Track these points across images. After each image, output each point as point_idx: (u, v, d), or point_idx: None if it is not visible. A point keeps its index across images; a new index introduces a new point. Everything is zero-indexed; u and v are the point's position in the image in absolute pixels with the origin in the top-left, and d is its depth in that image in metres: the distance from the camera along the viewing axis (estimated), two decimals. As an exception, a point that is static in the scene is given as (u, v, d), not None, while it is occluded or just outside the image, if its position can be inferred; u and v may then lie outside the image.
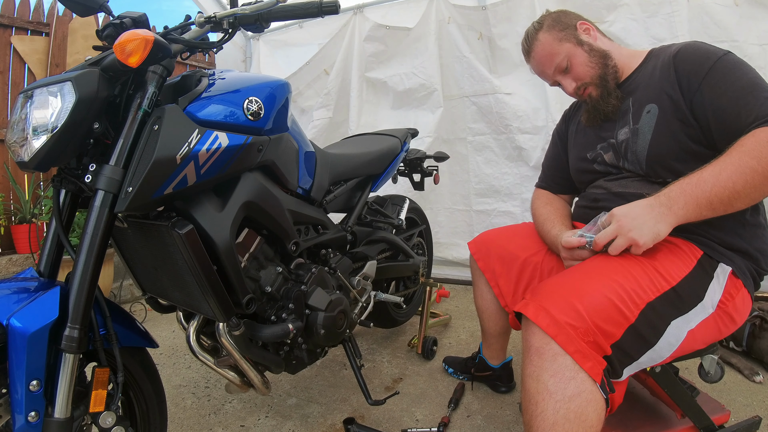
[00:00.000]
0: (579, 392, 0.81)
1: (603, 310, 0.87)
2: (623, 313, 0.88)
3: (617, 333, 0.87)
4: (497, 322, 1.52)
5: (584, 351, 0.83)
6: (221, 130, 1.00)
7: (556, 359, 0.83)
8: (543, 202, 1.42)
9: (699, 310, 0.97)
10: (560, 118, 1.50)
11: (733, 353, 1.79)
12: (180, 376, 1.83)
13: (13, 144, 0.91)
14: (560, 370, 0.83)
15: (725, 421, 1.24)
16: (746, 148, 0.92)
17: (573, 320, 0.85)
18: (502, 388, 1.64)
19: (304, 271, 1.26)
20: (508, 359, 1.65)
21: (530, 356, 0.87)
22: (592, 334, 0.85)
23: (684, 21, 2.24)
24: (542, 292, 0.92)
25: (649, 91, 1.13)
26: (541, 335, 0.86)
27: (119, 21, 0.99)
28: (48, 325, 0.82)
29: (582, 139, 1.32)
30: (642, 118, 1.13)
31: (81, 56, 2.92)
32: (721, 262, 1.02)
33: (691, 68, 1.05)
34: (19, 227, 2.62)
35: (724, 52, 1.03)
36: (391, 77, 3.04)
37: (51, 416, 0.82)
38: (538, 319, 0.86)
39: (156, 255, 1.07)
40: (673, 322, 0.93)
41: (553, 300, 0.89)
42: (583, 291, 0.89)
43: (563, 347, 0.83)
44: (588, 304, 0.87)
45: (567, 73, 1.23)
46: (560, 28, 1.23)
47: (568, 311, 0.86)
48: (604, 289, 0.89)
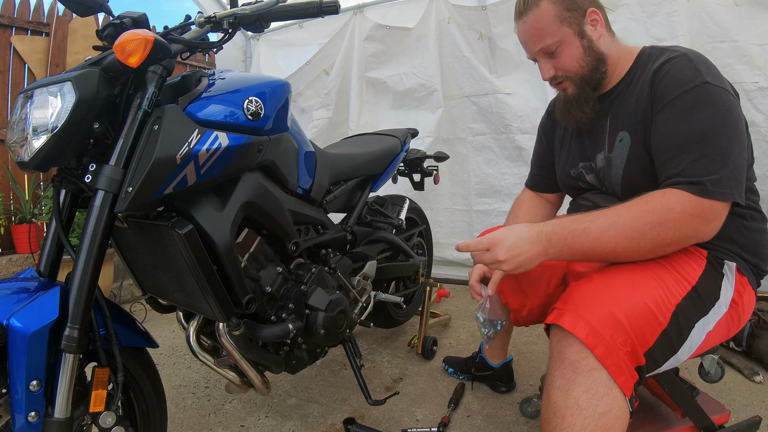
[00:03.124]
0: (610, 409, 0.79)
1: (641, 317, 0.84)
2: (657, 318, 0.86)
3: (651, 340, 0.85)
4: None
5: (621, 364, 0.81)
6: (221, 130, 1.00)
7: (592, 374, 0.80)
8: (518, 203, 1.43)
9: (716, 310, 0.95)
10: (545, 113, 1.40)
11: (733, 353, 1.79)
12: (180, 376, 1.83)
13: (13, 144, 0.91)
14: (594, 386, 0.80)
15: (725, 421, 1.24)
16: (648, 208, 0.89)
17: (613, 330, 0.81)
18: (502, 387, 1.64)
19: (304, 271, 1.26)
20: (509, 359, 1.65)
21: (562, 369, 0.83)
22: (630, 342, 0.82)
23: (684, 21, 2.24)
24: (577, 300, 0.87)
25: (624, 116, 1.07)
26: (578, 347, 0.81)
27: (119, 21, 0.99)
28: (48, 325, 0.82)
29: (566, 153, 1.26)
30: (615, 147, 1.08)
31: (81, 56, 2.92)
32: (725, 259, 1.01)
33: (663, 88, 0.97)
34: (19, 227, 2.62)
35: (701, 81, 0.93)
36: (391, 77, 3.04)
37: (51, 416, 0.82)
38: (576, 330, 0.82)
39: (156, 255, 1.07)
40: (696, 324, 0.92)
41: (590, 308, 0.84)
42: (621, 297, 0.85)
43: (601, 360, 0.80)
44: (627, 310, 0.83)
45: (551, 57, 1.08)
46: (568, 6, 1.05)
47: (607, 320, 0.82)
48: (640, 294, 0.86)
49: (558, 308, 0.90)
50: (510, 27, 2.65)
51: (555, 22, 1.05)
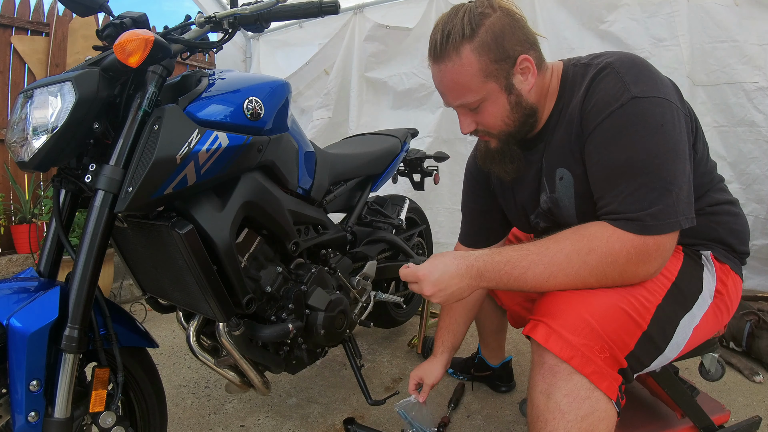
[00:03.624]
0: (592, 411, 0.78)
1: (616, 321, 0.82)
2: (636, 321, 0.83)
3: (631, 343, 0.83)
4: (493, 320, 1.52)
5: (601, 370, 0.79)
6: (221, 130, 1.00)
7: (572, 378, 0.79)
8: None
9: (701, 303, 0.93)
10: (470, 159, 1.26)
11: (733, 353, 1.79)
12: (180, 376, 1.83)
13: (13, 144, 0.91)
14: (575, 390, 0.79)
15: (725, 421, 1.23)
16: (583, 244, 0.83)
17: (587, 339, 0.79)
18: (503, 387, 1.64)
19: (304, 271, 1.26)
20: (508, 359, 1.65)
21: (543, 373, 0.82)
22: (608, 348, 0.80)
23: (684, 21, 2.24)
24: (550, 310, 0.85)
25: (558, 153, 0.97)
26: (554, 358, 0.80)
27: (119, 21, 0.99)
28: (48, 325, 0.82)
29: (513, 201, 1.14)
30: (557, 186, 0.99)
31: (81, 56, 2.92)
32: (700, 249, 0.98)
33: (590, 112, 0.88)
34: (19, 227, 2.62)
35: (628, 97, 0.82)
36: (391, 77, 3.04)
37: (51, 416, 0.83)
38: (549, 343, 0.80)
39: (156, 255, 1.07)
40: (681, 321, 0.90)
41: (563, 318, 0.82)
42: (594, 303, 0.83)
43: (579, 370, 0.79)
44: (601, 317, 0.81)
45: (473, 112, 0.96)
46: (496, 57, 0.88)
47: (581, 329, 0.80)
48: (614, 299, 0.83)
49: (533, 319, 0.87)
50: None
51: (478, 77, 0.89)
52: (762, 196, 2.21)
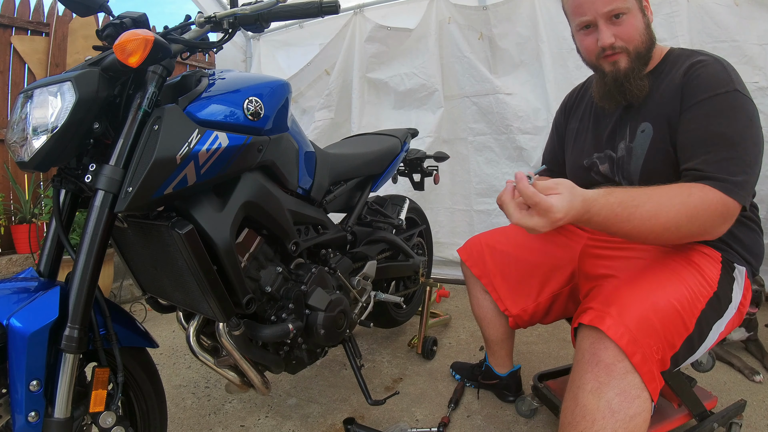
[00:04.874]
0: (640, 411, 0.80)
1: (672, 322, 0.86)
2: (685, 323, 0.88)
3: (678, 345, 0.87)
4: (498, 328, 1.48)
5: (653, 371, 0.82)
6: (221, 130, 1.00)
7: (626, 377, 0.81)
8: None
9: (729, 312, 0.99)
10: (559, 107, 1.42)
11: (733, 354, 1.79)
12: (180, 376, 1.83)
13: (13, 144, 0.91)
14: (627, 389, 0.80)
15: (713, 406, 1.32)
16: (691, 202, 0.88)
17: (650, 337, 0.83)
18: (510, 397, 1.58)
19: (304, 271, 1.26)
20: (516, 368, 1.59)
21: (596, 372, 0.83)
22: (662, 350, 0.84)
23: (684, 21, 2.24)
24: (616, 302, 0.88)
25: (650, 107, 1.09)
26: (615, 351, 0.82)
27: (119, 21, 0.99)
28: (48, 325, 0.82)
29: (580, 144, 1.27)
30: (637, 137, 1.10)
31: (81, 56, 2.92)
32: (735, 263, 1.04)
33: (695, 87, 1.00)
34: (19, 227, 2.62)
35: (733, 88, 0.97)
36: (392, 77, 3.04)
37: (51, 416, 0.82)
38: (617, 335, 0.82)
39: (156, 255, 1.07)
40: (713, 327, 0.95)
41: (630, 313, 0.85)
42: (656, 301, 0.87)
43: (637, 367, 0.80)
44: (662, 317, 0.85)
45: (614, 23, 1.05)
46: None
47: (645, 327, 0.83)
48: (672, 299, 0.88)
49: (595, 309, 0.89)
50: (510, 27, 2.66)
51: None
52: (762, 196, 2.21)
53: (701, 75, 1.00)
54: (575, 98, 1.36)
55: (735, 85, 0.97)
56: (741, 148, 0.93)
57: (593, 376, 0.82)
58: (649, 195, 0.89)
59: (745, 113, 0.96)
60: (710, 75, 0.99)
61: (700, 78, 1.00)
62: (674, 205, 0.88)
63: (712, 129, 0.96)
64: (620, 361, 0.81)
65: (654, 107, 1.07)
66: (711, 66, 1.00)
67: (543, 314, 1.35)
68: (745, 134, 0.95)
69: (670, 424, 1.23)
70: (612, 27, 1.05)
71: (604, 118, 1.19)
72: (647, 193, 0.89)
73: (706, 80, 0.99)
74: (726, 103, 0.96)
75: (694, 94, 0.99)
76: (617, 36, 1.05)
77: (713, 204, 0.89)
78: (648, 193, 0.89)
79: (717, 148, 0.94)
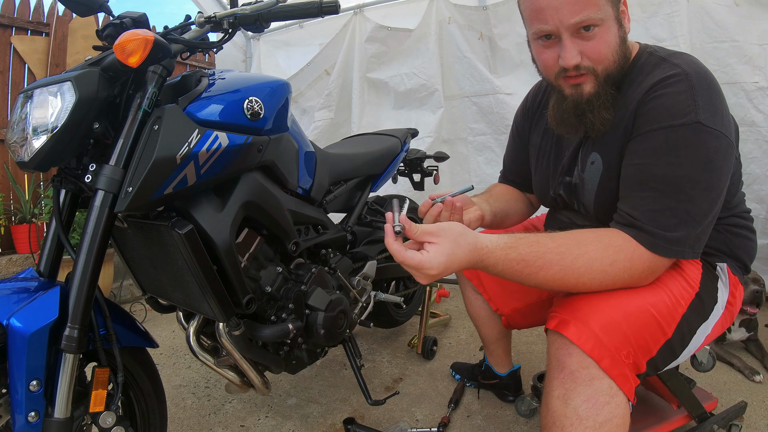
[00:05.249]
0: (612, 417, 0.77)
1: (645, 328, 0.82)
2: (662, 328, 0.84)
3: (654, 350, 0.83)
4: (493, 327, 1.48)
5: (626, 373, 0.79)
6: (221, 130, 1.00)
7: (593, 383, 0.77)
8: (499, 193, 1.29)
9: (715, 313, 0.95)
10: (520, 108, 1.24)
11: (733, 354, 1.79)
12: (180, 376, 1.83)
13: (13, 144, 0.91)
14: (595, 395, 0.77)
15: (714, 408, 1.30)
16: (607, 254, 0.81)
17: (618, 341, 0.78)
18: (510, 397, 1.58)
19: (304, 271, 1.26)
20: (516, 368, 1.59)
21: (561, 377, 0.80)
22: (633, 354, 0.80)
23: (684, 21, 2.24)
24: (580, 307, 0.83)
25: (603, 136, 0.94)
26: (580, 357, 0.78)
27: (119, 21, 0.99)
28: (48, 325, 0.82)
29: (542, 168, 1.13)
30: (587, 169, 0.98)
31: (81, 56, 2.92)
32: (716, 261, 1.00)
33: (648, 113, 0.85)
34: (19, 227, 2.62)
35: (693, 119, 0.79)
36: (392, 78, 3.04)
37: (51, 416, 0.83)
38: (581, 341, 0.78)
39: (156, 255, 1.07)
40: (698, 330, 0.91)
41: (595, 317, 0.80)
42: (626, 305, 0.82)
43: (607, 371, 0.77)
44: (633, 322, 0.81)
45: (582, 37, 0.85)
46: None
47: (613, 331, 0.79)
48: (645, 303, 0.83)
49: (559, 314, 0.85)
50: (510, 27, 2.66)
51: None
52: (762, 196, 2.21)
53: (659, 98, 0.84)
54: (538, 102, 1.19)
55: (698, 114, 0.79)
56: (687, 197, 0.81)
57: (560, 383, 0.80)
58: (562, 255, 0.80)
59: (703, 152, 0.80)
60: (670, 99, 0.82)
61: (657, 101, 0.84)
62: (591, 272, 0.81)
63: (654, 170, 0.83)
64: (585, 367, 0.77)
65: (606, 135, 0.93)
66: (675, 86, 0.83)
67: (533, 316, 1.33)
68: (698, 179, 0.80)
69: (669, 425, 1.23)
70: (579, 42, 0.85)
71: (567, 140, 1.06)
72: (560, 252, 0.80)
73: (663, 106, 0.83)
74: (679, 139, 0.81)
75: (646, 122, 0.84)
76: (585, 54, 0.86)
77: (641, 267, 0.82)
78: (561, 253, 0.80)
79: (655, 194, 0.82)
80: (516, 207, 1.29)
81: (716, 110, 0.82)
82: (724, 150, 0.82)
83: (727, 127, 0.83)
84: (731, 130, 0.85)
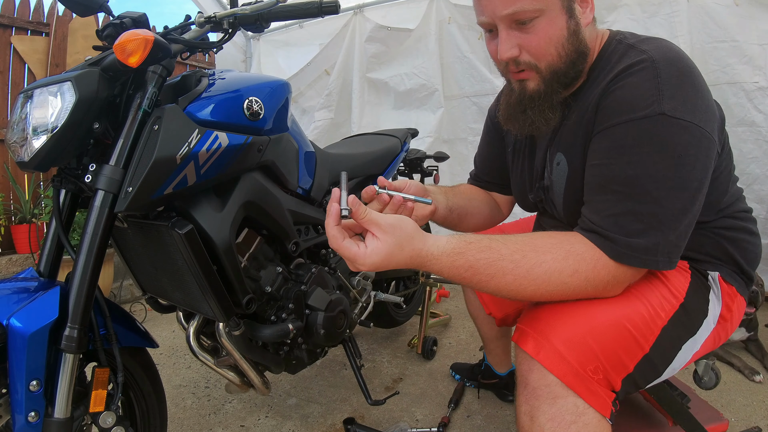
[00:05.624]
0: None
1: (617, 341, 0.74)
2: (638, 342, 0.76)
3: (630, 366, 0.76)
4: (491, 327, 1.48)
5: (594, 389, 0.72)
6: (221, 130, 1.00)
7: (556, 402, 0.72)
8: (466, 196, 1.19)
9: (704, 328, 0.86)
10: (494, 103, 1.14)
11: (733, 354, 1.79)
12: (180, 376, 1.83)
13: (13, 144, 0.91)
14: (560, 414, 0.71)
15: (724, 430, 1.15)
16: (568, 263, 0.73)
17: (583, 356, 0.72)
18: (510, 396, 1.59)
19: (304, 271, 1.26)
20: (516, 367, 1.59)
21: (526, 394, 0.75)
22: (603, 370, 0.73)
23: (684, 21, 2.24)
24: (543, 320, 0.77)
25: (565, 133, 0.87)
26: (541, 373, 0.73)
27: (119, 21, 0.99)
28: (48, 325, 0.82)
29: (519, 168, 1.05)
30: (554, 170, 0.90)
31: (81, 56, 2.92)
32: (708, 270, 0.91)
33: (608, 107, 0.77)
34: (19, 227, 2.62)
35: (656, 111, 0.71)
36: (392, 78, 3.04)
37: (51, 416, 0.83)
38: (540, 356, 0.73)
39: (156, 255, 1.07)
40: (683, 346, 0.83)
41: (557, 330, 0.75)
42: (595, 317, 0.75)
43: (572, 388, 0.71)
44: (602, 335, 0.74)
45: (520, 31, 0.78)
46: None
47: (578, 346, 0.73)
48: (618, 314, 0.76)
49: (521, 327, 0.80)
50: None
51: None
52: (762, 196, 2.21)
53: (619, 89, 0.76)
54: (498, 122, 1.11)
55: (662, 105, 0.71)
56: (652, 199, 0.72)
57: (525, 399, 0.75)
58: (517, 263, 0.73)
59: (667, 147, 0.71)
60: (631, 90, 0.75)
61: (616, 94, 0.76)
62: (550, 283, 0.74)
63: (614, 170, 0.75)
64: (547, 384, 0.72)
65: (569, 133, 0.86)
66: (638, 75, 0.75)
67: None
68: (664, 178, 0.72)
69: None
70: (516, 35, 0.79)
71: (539, 138, 0.97)
72: (515, 260, 0.73)
73: (624, 98, 0.75)
74: (641, 134, 0.72)
75: (605, 117, 0.77)
76: (523, 47, 0.79)
77: (605, 278, 0.74)
78: (516, 260, 0.73)
79: (616, 197, 0.74)
80: (479, 208, 1.18)
81: (685, 98, 0.73)
82: (696, 143, 0.72)
83: (703, 117, 0.73)
84: (709, 120, 0.74)
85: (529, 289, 0.74)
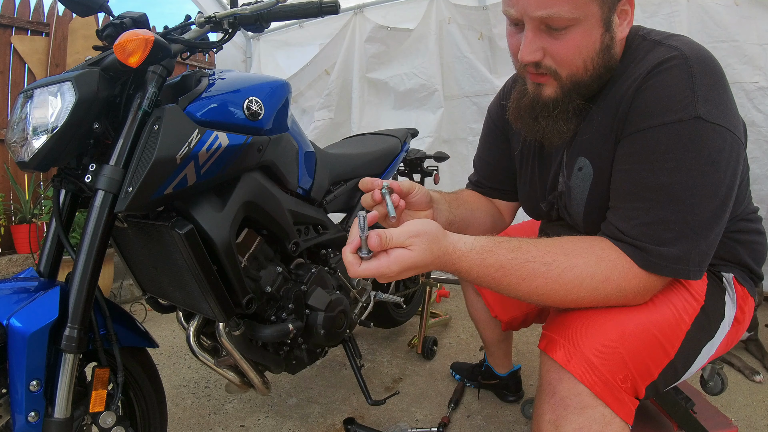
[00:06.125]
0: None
1: (646, 349, 0.73)
2: (665, 349, 0.75)
3: (655, 373, 0.75)
4: (494, 329, 1.47)
5: (622, 398, 0.72)
6: (221, 130, 1.00)
7: (585, 412, 0.70)
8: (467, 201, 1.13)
9: (722, 330, 0.85)
10: (495, 101, 1.09)
11: (733, 354, 1.79)
12: (180, 376, 1.83)
13: (13, 144, 0.91)
14: (587, 424, 0.70)
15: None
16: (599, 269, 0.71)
17: (613, 366, 0.71)
18: (510, 397, 1.59)
19: (304, 271, 1.26)
20: (516, 368, 1.58)
21: (552, 403, 0.73)
22: (631, 379, 0.73)
23: (684, 21, 2.24)
24: (571, 327, 0.75)
25: (590, 136, 0.82)
26: (571, 383, 0.71)
27: (119, 21, 0.99)
28: (48, 325, 0.82)
29: (529, 174, 1.01)
30: (574, 175, 0.86)
31: (81, 56, 2.92)
32: (722, 271, 0.90)
33: (640, 108, 0.74)
34: (19, 227, 2.62)
35: (692, 114, 0.68)
36: (392, 78, 3.04)
37: (51, 416, 0.83)
38: (571, 365, 0.71)
39: (156, 255, 1.07)
40: (702, 349, 0.82)
41: (587, 338, 0.73)
42: (624, 325, 0.73)
43: (601, 397, 0.70)
44: (632, 344, 0.72)
45: (549, 35, 0.74)
46: None
47: (607, 354, 0.71)
48: (646, 320, 0.74)
49: (549, 335, 0.77)
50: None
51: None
52: (762, 196, 2.21)
53: (654, 88, 0.72)
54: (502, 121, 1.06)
55: (698, 108, 0.68)
56: (685, 207, 0.69)
57: (550, 408, 0.73)
58: (548, 266, 0.70)
59: (702, 152, 0.68)
60: (664, 90, 0.71)
61: (647, 94, 0.72)
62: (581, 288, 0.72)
63: (645, 176, 0.72)
64: (577, 394, 0.70)
65: (594, 136, 0.81)
66: (670, 73, 0.71)
67: (535, 318, 1.31)
68: (698, 185, 0.69)
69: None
70: (543, 38, 0.74)
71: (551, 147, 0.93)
72: (546, 262, 0.70)
73: (656, 99, 0.71)
74: (675, 139, 0.69)
75: (636, 119, 0.73)
76: (548, 52, 0.75)
77: (636, 287, 0.73)
78: (548, 263, 0.71)
79: (648, 205, 0.71)
80: (481, 219, 1.12)
81: (719, 101, 0.70)
82: (730, 149, 0.70)
83: (734, 120, 0.71)
84: (738, 123, 0.73)
85: (559, 294, 0.72)
